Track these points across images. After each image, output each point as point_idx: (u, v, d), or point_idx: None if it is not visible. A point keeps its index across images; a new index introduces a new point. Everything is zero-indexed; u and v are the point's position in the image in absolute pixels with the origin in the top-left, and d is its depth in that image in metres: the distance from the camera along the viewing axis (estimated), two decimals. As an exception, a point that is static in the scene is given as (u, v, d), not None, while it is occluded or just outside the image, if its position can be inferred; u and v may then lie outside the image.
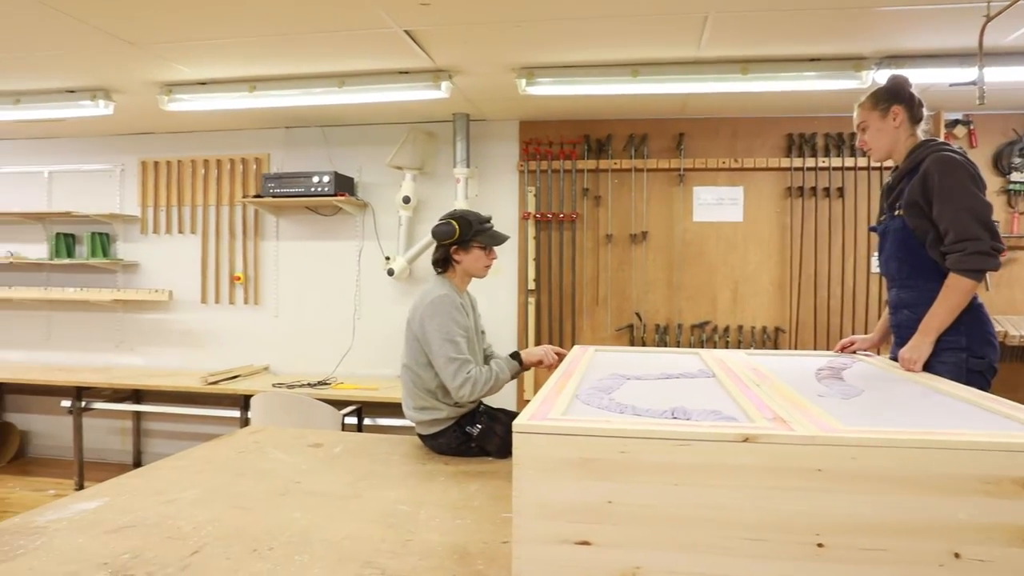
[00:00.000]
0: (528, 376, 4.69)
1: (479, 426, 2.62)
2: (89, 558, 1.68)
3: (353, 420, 4.28)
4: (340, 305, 5.05)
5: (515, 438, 1.34)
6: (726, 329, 4.60)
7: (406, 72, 3.75)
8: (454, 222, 2.70)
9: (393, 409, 4.45)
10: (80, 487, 4.88)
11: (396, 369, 4.80)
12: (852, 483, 1.25)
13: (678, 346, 4.58)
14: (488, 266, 2.78)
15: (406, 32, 3.16)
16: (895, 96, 2.31)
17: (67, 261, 5.40)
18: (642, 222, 4.67)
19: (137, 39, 3.30)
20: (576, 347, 2.62)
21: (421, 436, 2.73)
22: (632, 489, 1.31)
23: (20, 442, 5.71)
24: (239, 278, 5.19)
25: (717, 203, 4.65)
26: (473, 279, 2.82)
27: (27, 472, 5.35)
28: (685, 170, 4.61)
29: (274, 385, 4.48)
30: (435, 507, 2.06)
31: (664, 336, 4.64)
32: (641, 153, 4.64)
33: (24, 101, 4.26)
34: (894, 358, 2.38)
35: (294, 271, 5.14)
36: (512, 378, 2.66)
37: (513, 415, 2.80)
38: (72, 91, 4.21)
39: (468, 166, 4.59)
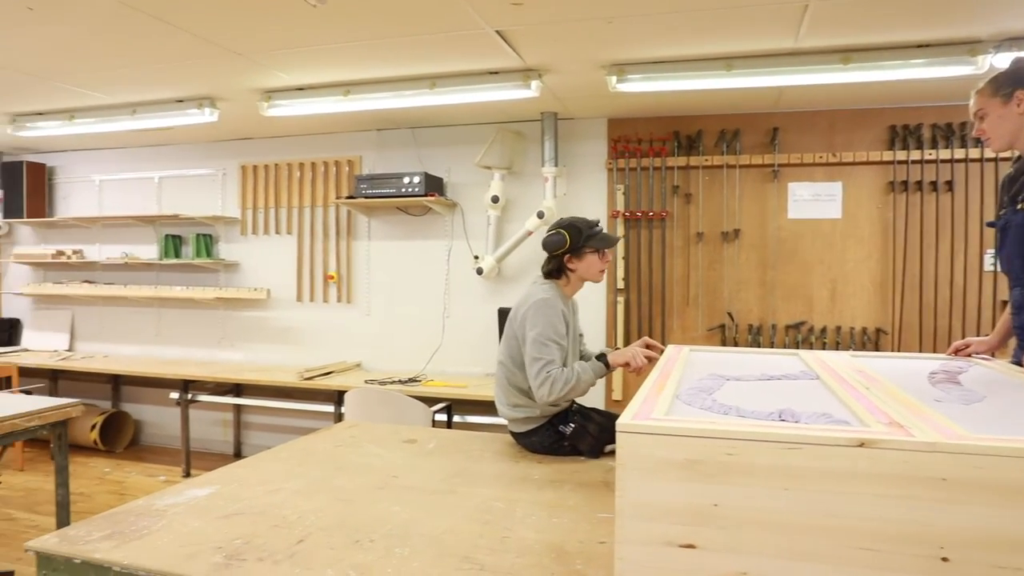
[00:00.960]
0: (616, 375, 4.65)
1: (572, 425, 2.61)
2: (205, 541, 1.76)
3: (443, 417, 4.36)
4: (430, 303, 5.14)
5: (619, 437, 1.32)
6: (823, 330, 4.43)
7: (496, 72, 3.78)
8: (563, 231, 2.67)
9: (482, 407, 4.49)
10: (187, 474, 5.15)
11: (485, 367, 4.88)
12: (980, 494, 1.17)
13: (772, 347, 4.44)
14: (603, 270, 2.74)
15: (497, 32, 3.19)
16: (1019, 80, 2.16)
17: (174, 261, 5.70)
18: (734, 220, 4.55)
19: (242, 49, 3.45)
20: (670, 346, 2.57)
21: (513, 434, 2.74)
22: (739, 492, 1.28)
23: (134, 430, 6.08)
24: (332, 277, 5.36)
25: (813, 199, 4.48)
26: (585, 284, 2.79)
27: (140, 458, 5.68)
28: (779, 166, 4.46)
29: (366, 381, 4.59)
30: (530, 505, 2.07)
31: (757, 336, 4.50)
32: (733, 149, 4.52)
33: (140, 111, 4.53)
34: (1017, 362, 2.23)
35: (385, 270, 5.27)
36: (596, 380, 2.61)
37: (606, 414, 2.78)
38: (181, 100, 4.45)
39: (556, 165, 4.59)
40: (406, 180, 4.73)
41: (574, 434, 2.61)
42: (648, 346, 2.66)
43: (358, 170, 5.27)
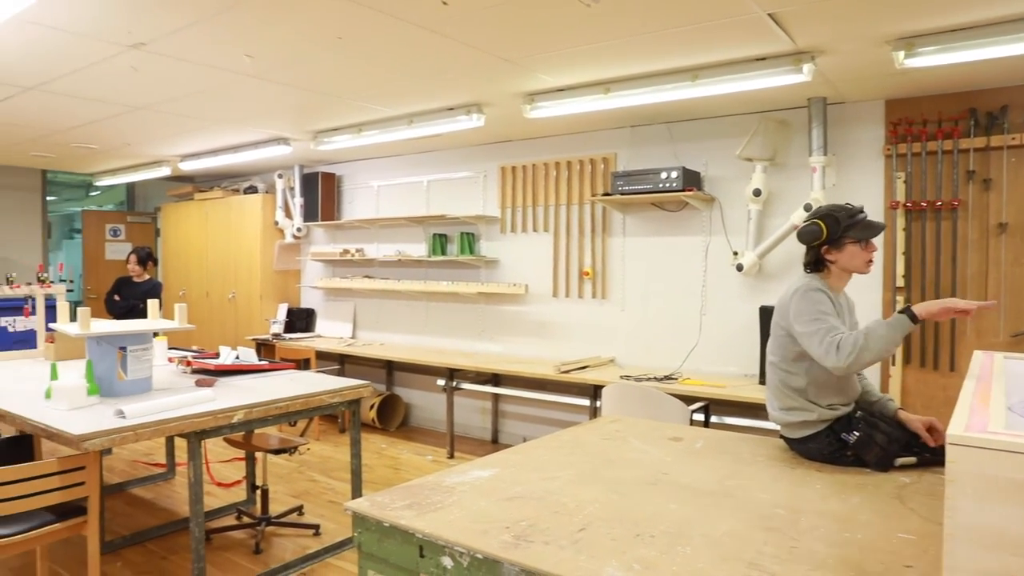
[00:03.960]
0: (894, 388, 4.21)
1: (856, 433, 2.40)
2: (493, 520, 1.87)
3: (699, 417, 4.25)
4: (686, 300, 5.04)
5: (951, 451, 1.18)
6: None
7: (762, 59, 3.60)
8: (820, 222, 2.50)
9: (741, 408, 4.32)
10: (451, 455, 5.55)
11: (744, 367, 4.68)
12: None
13: (1100, 358, 3.74)
14: (869, 261, 2.52)
15: (769, 15, 3.02)
16: None
17: (441, 258, 6.18)
18: (1048, 207, 3.90)
19: (510, 55, 3.63)
20: (978, 352, 2.27)
21: (787, 439, 2.58)
22: (1112, 527, 1.08)
23: (404, 412, 6.70)
24: (588, 273, 5.46)
25: None
26: (853, 276, 2.58)
27: (409, 438, 6.24)
28: (1113, 141, 3.74)
29: (621, 377, 4.61)
30: (815, 516, 1.93)
31: (1079, 345, 3.82)
32: (1049, 125, 3.87)
33: (416, 121, 4.96)
34: None
35: (640, 266, 5.26)
36: (898, 338, 2.24)
37: (893, 424, 2.52)
38: (451, 108, 4.80)
39: (825, 154, 4.26)
40: (663, 175, 4.68)
41: (859, 443, 2.39)
42: (931, 426, 2.37)
43: (613, 167, 5.31)
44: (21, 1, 2.81)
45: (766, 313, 4.32)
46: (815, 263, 2.57)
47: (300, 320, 7.46)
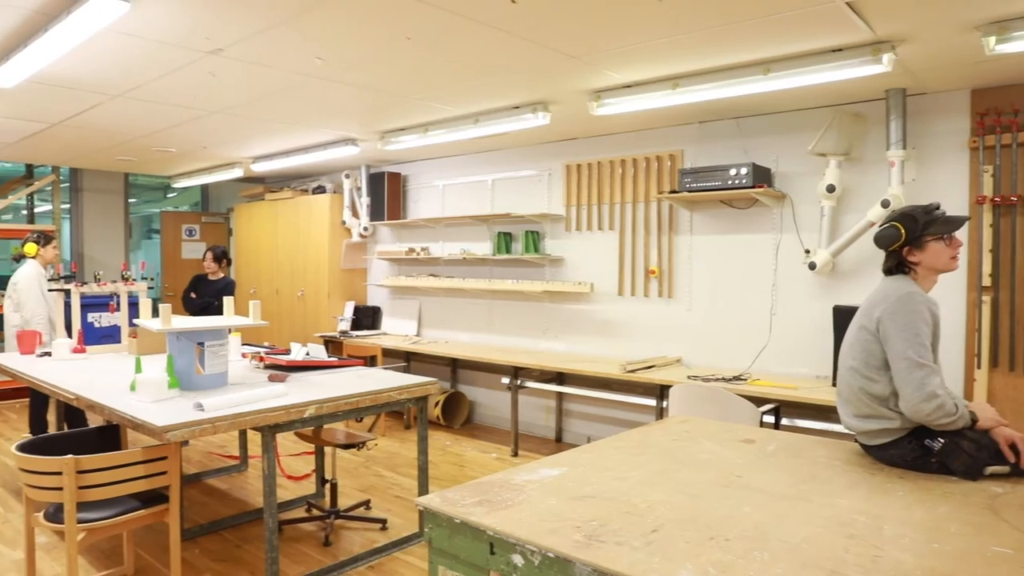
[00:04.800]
0: (980, 391, 4.02)
1: (941, 440, 2.29)
2: (563, 519, 1.86)
3: (769, 419, 4.14)
4: (755, 300, 4.92)
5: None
6: None
7: (838, 50, 3.48)
8: (897, 225, 2.42)
9: (814, 411, 4.20)
10: (515, 454, 5.56)
11: (816, 369, 4.55)
12: None
13: None
14: (955, 256, 2.42)
15: (847, 3, 2.92)
16: None
17: (505, 256, 6.19)
18: None
19: (577, 52, 3.61)
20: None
21: (865, 445, 2.49)
22: None
23: (468, 410, 6.75)
24: (654, 272, 5.39)
25: None
26: (940, 276, 2.48)
27: (473, 435, 6.28)
28: None
29: (689, 377, 4.54)
30: (899, 524, 1.85)
31: None
32: None
33: (481, 120, 4.99)
34: None
35: (707, 265, 5.16)
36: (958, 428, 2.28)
37: (979, 431, 2.40)
38: (517, 107, 4.80)
39: (904, 147, 4.10)
40: (732, 172, 4.58)
41: (944, 451, 2.28)
42: (1012, 443, 2.26)
43: (680, 164, 5.23)
44: (116, 10, 2.94)
45: (840, 313, 4.18)
46: (898, 267, 2.48)
47: (366, 318, 7.60)
